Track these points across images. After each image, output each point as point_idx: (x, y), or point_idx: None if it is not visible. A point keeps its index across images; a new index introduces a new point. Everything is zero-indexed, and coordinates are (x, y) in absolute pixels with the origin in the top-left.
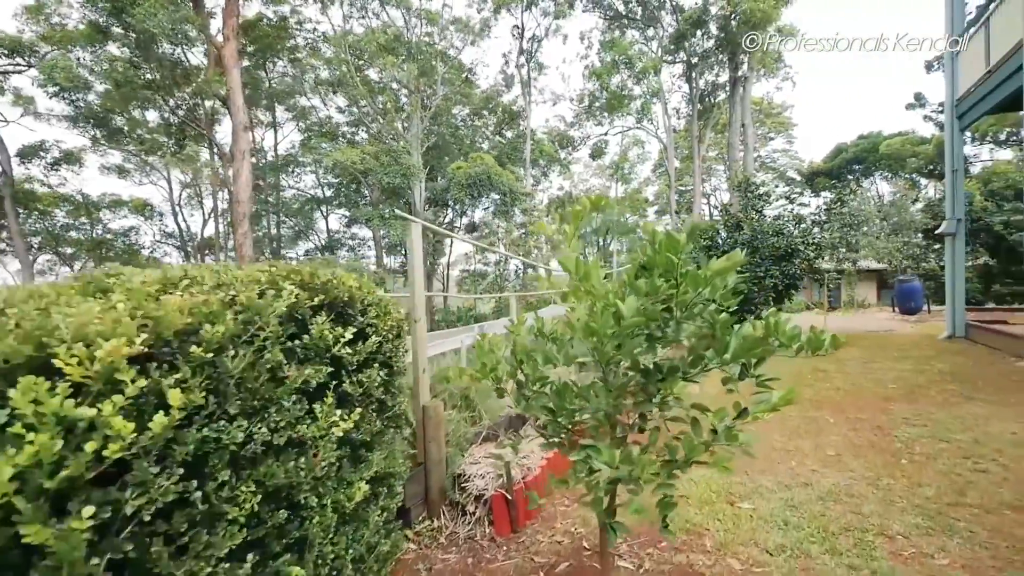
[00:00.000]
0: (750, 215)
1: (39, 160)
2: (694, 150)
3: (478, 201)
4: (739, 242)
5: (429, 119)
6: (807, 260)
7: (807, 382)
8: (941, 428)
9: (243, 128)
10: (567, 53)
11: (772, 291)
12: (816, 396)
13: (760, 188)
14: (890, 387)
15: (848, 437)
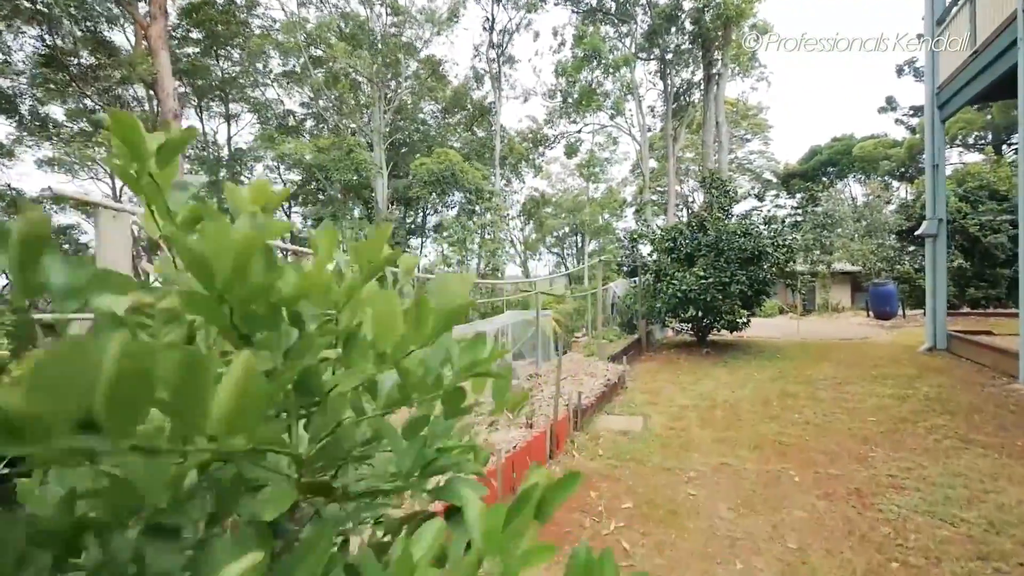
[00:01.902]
0: (715, 214)
1: None
2: (669, 149)
3: (443, 199)
4: (703, 244)
5: (392, 113)
6: (777, 264)
7: (772, 411)
8: (939, 496)
9: (173, 116)
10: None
11: (739, 298)
12: (781, 434)
13: (727, 185)
14: (869, 420)
15: (818, 512)
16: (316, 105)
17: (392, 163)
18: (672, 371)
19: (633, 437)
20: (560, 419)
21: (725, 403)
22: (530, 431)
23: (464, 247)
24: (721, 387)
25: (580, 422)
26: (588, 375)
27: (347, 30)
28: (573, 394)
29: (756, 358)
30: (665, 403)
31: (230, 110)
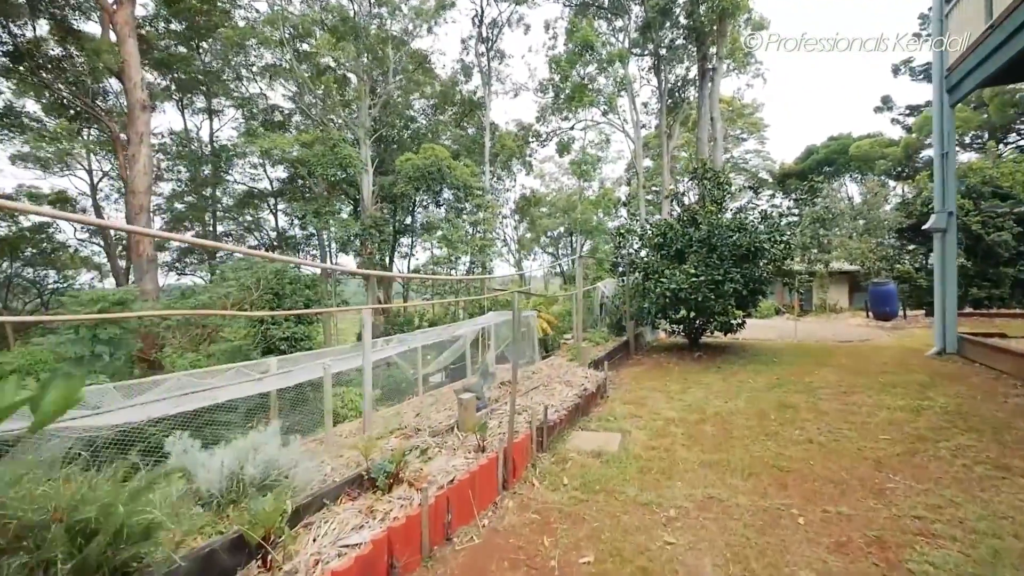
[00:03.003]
0: (707, 208)
1: None
2: (663, 146)
3: (431, 196)
4: (694, 240)
5: (380, 109)
6: (774, 261)
7: (770, 426)
8: (985, 551)
9: (140, 107)
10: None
11: (733, 298)
12: (780, 456)
13: (719, 176)
14: (881, 439)
15: (831, 574)
16: (301, 100)
17: (380, 160)
18: (660, 377)
19: (607, 459)
20: (519, 439)
21: (716, 416)
22: (481, 455)
23: (455, 247)
24: (712, 396)
25: (546, 441)
26: (564, 383)
27: (329, 22)
28: (540, 408)
29: (752, 362)
30: (649, 415)
31: (213, 105)
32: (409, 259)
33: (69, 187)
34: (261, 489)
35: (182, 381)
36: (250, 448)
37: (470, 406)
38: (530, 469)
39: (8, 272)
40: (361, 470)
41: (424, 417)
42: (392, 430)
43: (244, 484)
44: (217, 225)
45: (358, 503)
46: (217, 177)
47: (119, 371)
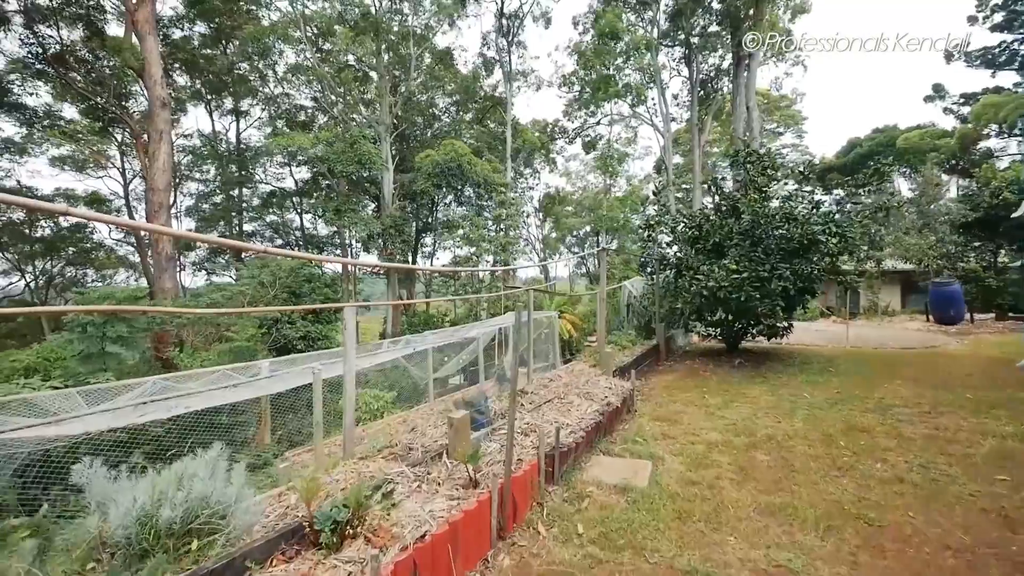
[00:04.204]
0: (750, 196)
1: None
2: (694, 140)
3: (453, 194)
4: (735, 231)
5: (401, 106)
6: (830, 255)
7: (842, 457)
8: None
9: (160, 104)
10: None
11: (780, 297)
12: (862, 502)
13: (764, 160)
14: (997, 480)
15: None
16: (324, 99)
17: (401, 158)
18: (696, 388)
19: (635, 498)
20: (523, 471)
21: (769, 440)
22: (473, 493)
23: (477, 245)
24: (761, 414)
25: (559, 471)
26: (583, 396)
27: (351, 18)
28: (551, 428)
29: (803, 372)
30: (685, 437)
31: (238, 106)
32: (431, 258)
33: (103, 188)
34: (182, 537)
35: (158, 385)
36: (174, 480)
37: (462, 428)
38: (536, 510)
39: (50, 271)
40: (303, 518)
41: (420, 433)
42: (380, 448)
43: (159, 531)
44: (244, 225)
45: (291, 568)
46: (242, 177)
47: (132, 370)
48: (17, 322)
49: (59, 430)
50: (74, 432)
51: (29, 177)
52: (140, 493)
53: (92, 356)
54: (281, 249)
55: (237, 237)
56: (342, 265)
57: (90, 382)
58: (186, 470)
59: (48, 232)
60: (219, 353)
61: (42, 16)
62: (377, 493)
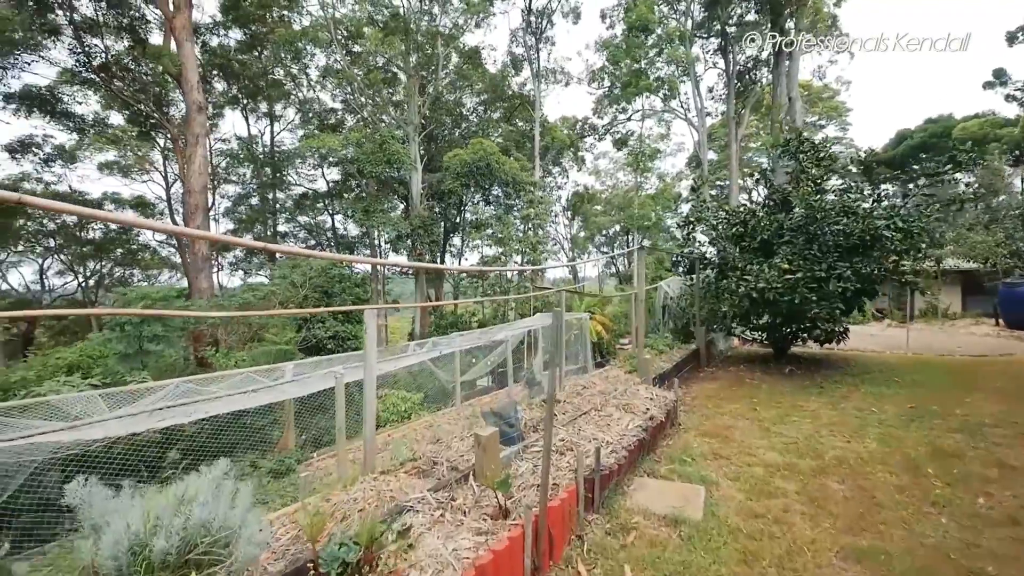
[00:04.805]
0: (803, 188)
1: (32, 156)
2: (731, 134)
3: (481, 193)
4: (786, 227)
5: (429, 106)
6: (896, 253)
7: (933, 488)
8: None
9: (197, 109)
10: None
11: (839, 299)
12: (972, 549)
13: (820, 148)
14: None
15: None
16: (352, 100)
17: (429, 158)
18: (744, 398)
19: (689, 533)
20: (560, 500)
21: (841, 464)
22: (503, 525)
23: (506, 245)
24: (825, 431)
25: (599, 497)
26: (622, 407)
27: (380, 19)
28: (590, 447)
29: (864, 382)
30: (740, 457)
31: (273, 109)
32: (460, 259)
33: (147, 192)
34: (178, 570)
35: (181, 388)
36: (171, 504)
37: (490, 446)
38: (575, 544)
39: (100, 271)
40: (310, 555)
41: (445, 445)
42: (402, 462)
43: (152, 563)
44: (278, 226)
45: None
46: (275, 179)
47: (169, 368)
48: (68, 320)
49: (78, 435)
50: (94, 437)
51: (79, 182)
52: (134, 517)
53: (130, 355)
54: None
55: (271, 238)
56: (371, 265)
57: (127, 381)
58: (186, 491)
59: (98, 235)
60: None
61: (89, 27)
62: (395, 524)
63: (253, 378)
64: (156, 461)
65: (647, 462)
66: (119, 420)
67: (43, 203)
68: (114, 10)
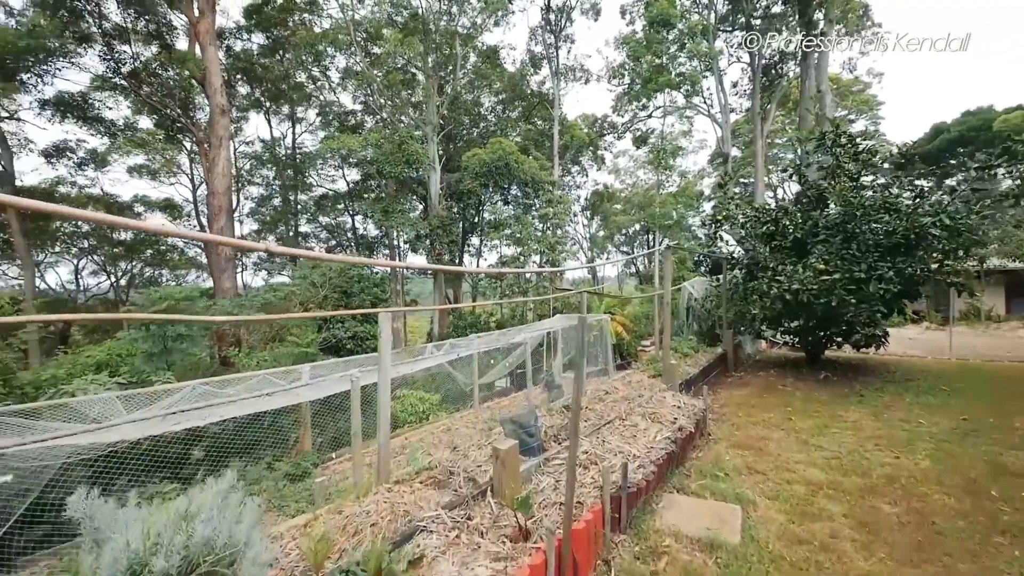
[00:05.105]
0: (840, 184)
1: (66, 160)
2: (756, 130)
3: (499, 193)
4: (822, 225)
5: (447, 106)
6: (943, 252)
7: (1001, 513)
8: None
9: (220, 112)
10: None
11: (880, 301)
12: None
13: (857, 141)
14: None
15: None
16: (371, 101)
17: (447, 158)
18: (778, 406)
19: (726, 560)
20: (584, 521)
21: (891, 483)
22: (523, 548)
23: (525, 245)
24: (870, 445)
25: (627, 515)
26: (648, 416)
27: (400, 19)
28: (616, 461)
29: (908, 390)
30: (777, 472)
31: (295, 112)
32: (478, 259)
33: (175, 194)
34: None
35: (198, 391)
36: (173, 520)
37: (510, 460)
38: (601, 570)
39: (130, 272)
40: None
41: (462, 454)
42: (418, 471)
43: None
44: (300, 227)
45: None
46: (297, 181)
47: (193, 367)
48: None
49: (94, 438)
50: (111, 440)
51: (110, 185)
52: (134, 534)
53: (155, 355)
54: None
55: (293, 239)
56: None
57: (152, 380)
58: (189, 506)
59: (129, 236)
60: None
61: (118, 33)
62: (407, 546)
63: (270, 380)
64: (181, 458)
65: (676, 476)
66: (135, 424)
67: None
68: (142, 17)
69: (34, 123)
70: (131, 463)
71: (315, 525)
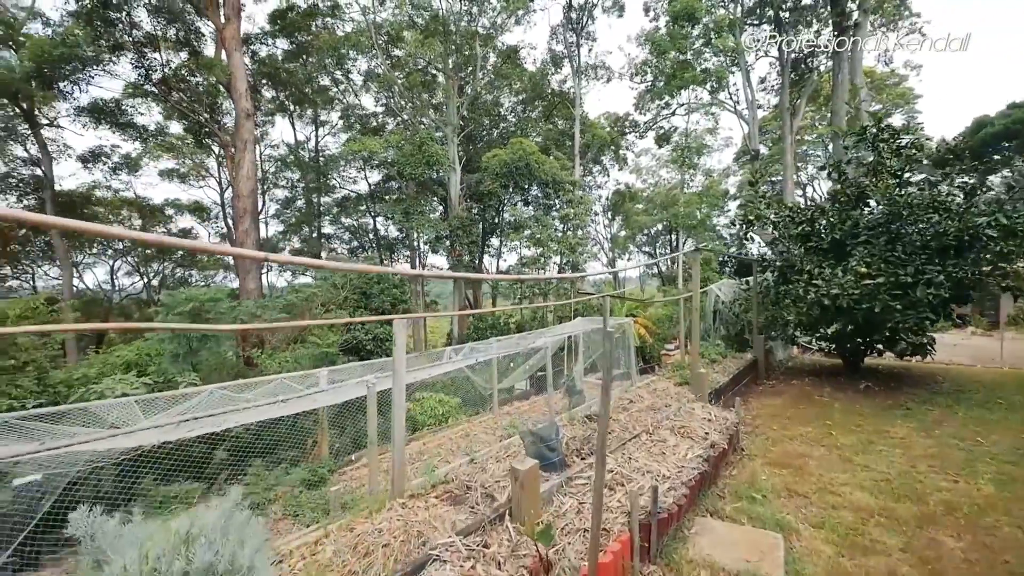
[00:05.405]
0: (883, 182)
1: (101, 165)
2: (785, 126)
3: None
4: (863, 225)
5: (467, 106)
6: (999, 255)
7: None
8: None
9: (245, 116)
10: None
11: (928, 307)
12: None
13: (901, 136)
14: None
15: None
16: (393, 103)
17: (467, 159)
18: (815, 418)
19: None
20: (611, 554)
21: (951, 512)
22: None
23: (545, 246)
24: (923, 465)
25: (658, 545)
26: (677, 431)
27: (420, 21)
28: (644, 481)
29: (960, 403)
30: (820, 495)
31: (318, 115)
32: (498, 260)
33: (204, 197)
34: None
35: (216, 395)
36: (171, 544)
37: (529, 482)
38: None
39: (162, 272)
40: None
41: (480, 467)
42: (434, 484)
43: None
44: (323, 228)
45: None
46: (320, 183)
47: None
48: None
49: (112, 444)
50: (128, 446)
51: (142, 189)
52: (131, 559)
53: (180, 355)
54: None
55: (316, 240)
56: (410, 268)
57: (178, 381)
58: (191, 528)
59: None
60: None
61: (149, 41)
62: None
63: (288, 384)
64: (205, 457)
65: (709, 497)
66: (148, 431)
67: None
68: (172, 25)
69: (71, 129)
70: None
71: (325, 543)
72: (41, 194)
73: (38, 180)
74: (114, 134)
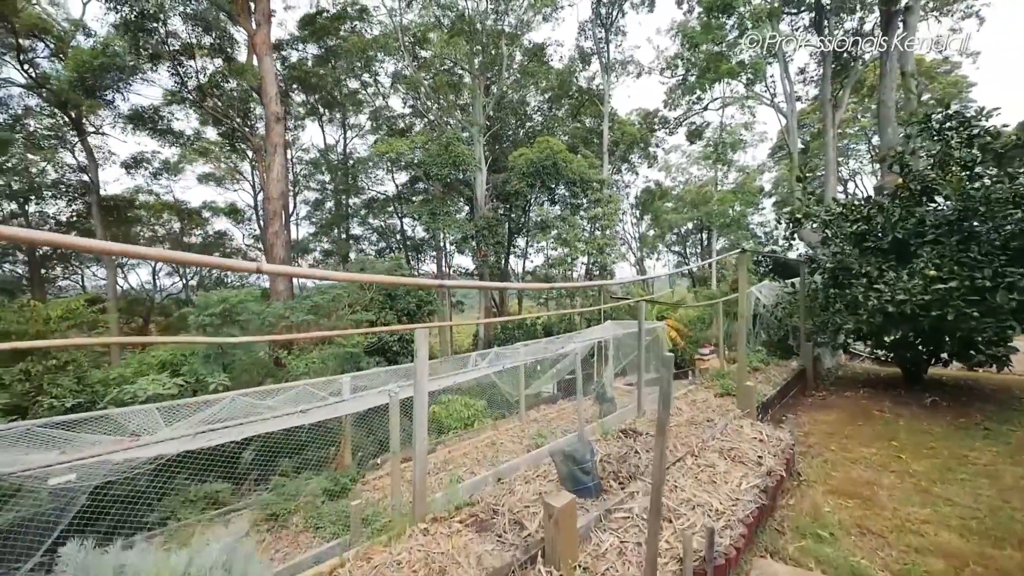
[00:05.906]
0: (952, 175)
1: (143, 170)
2: (827, 119)
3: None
4: (929, 224)
5: (493, 106)
6: None
7: None
8: None
9: (275, 119)
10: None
11: (1010, 314)
12: None
13: (973, 124)
14: None
15: None
16: (419, 105)
17: (493, 158)
18: (880, 438)
19: None
20: None
21: None
22: None
23: (572, 246)
24: (1017, 499)
25: None
26: (726, 454)
27: (447, 21)
28: (695, 517)
29: None
30: (899, 534)
31: (347, 118)
32: (524, 260)
33: (238, 200)
34: None
35: (237, 403)
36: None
37: (565, 520)
38: None
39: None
40: None
41: (508, 489)
42: (459, 507)
43: None
44: (352, 229)
45: None
46: (348, 185)
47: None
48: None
49: (130, 454)
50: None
51: (181, 192)
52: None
53: (210, 357)
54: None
55: (345, 242)
56: (436, 269)
57: (209, 382)
58: (189, 567)
59: (198, 240)
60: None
61: (185, 49)
62: None
63: (310, 391)
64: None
65: (767, 532)
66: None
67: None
68: (208, 33)
69: (114, 135)
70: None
71: (340, 574)
72: (88, 199)
73: (85, 185)
74: (153, 140)
